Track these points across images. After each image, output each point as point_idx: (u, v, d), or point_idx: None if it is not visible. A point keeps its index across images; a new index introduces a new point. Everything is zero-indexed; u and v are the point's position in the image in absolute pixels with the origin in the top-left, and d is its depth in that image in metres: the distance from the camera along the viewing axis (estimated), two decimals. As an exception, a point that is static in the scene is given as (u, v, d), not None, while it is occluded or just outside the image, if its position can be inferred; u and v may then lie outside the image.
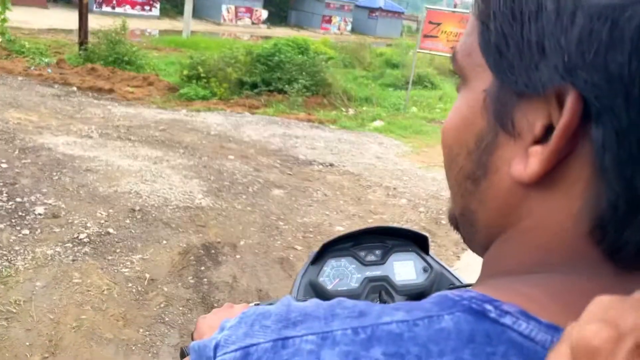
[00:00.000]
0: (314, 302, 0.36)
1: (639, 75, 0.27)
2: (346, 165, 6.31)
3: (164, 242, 3.76)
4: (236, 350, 0.35)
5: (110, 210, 4.05)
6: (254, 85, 10.79)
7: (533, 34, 0.31)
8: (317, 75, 10.99)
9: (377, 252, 1.03)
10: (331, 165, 6.25)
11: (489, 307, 0.32)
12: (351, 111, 10.27)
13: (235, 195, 4.77)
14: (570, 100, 0.30)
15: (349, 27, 34.41)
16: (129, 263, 3.44)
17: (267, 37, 18.71)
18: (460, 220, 0.42)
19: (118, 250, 3.55)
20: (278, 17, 31.81)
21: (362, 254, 1.01)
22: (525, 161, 0.33)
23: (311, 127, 8.31)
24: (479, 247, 0.41)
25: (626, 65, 0.27)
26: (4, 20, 12.17)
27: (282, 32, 23.25)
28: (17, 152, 5.02)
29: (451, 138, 0.39)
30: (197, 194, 4.64)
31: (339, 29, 33.53)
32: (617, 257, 0.32)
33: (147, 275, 3.35)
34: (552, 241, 0.34)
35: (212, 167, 5.43)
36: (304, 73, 10.81)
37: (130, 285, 3.23)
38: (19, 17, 15.44)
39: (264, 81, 10.84)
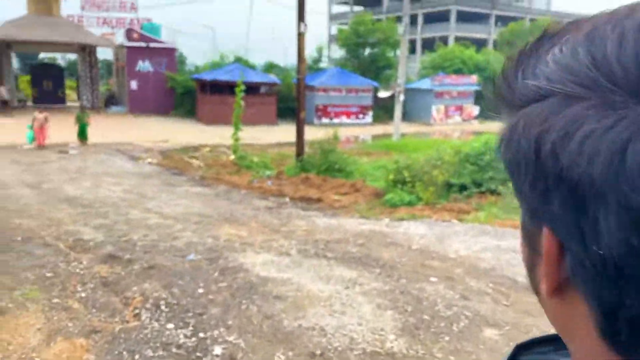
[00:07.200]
0: None
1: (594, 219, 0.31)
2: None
3: (344, 401, 3.09)
4: None
5: (290, 353, 3.57)
6: (462, 188, 9.98)
7: (524, 185, 0.36)
8: (537, 173, 9.69)
9: None
10: (561, 290, 4.97)
11: None
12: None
13: (436, 336, 3.92)
14: (545, 233, 0.35)
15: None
16: None
17: (478, 133, 17.90)
18: None
19: (290, 410, 3.00)
20: (491, 110, 30.89)
21: None
22: None
23: (532, 236, 7.05)
24: None
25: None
26: (237, 139, 13.87)
27: (495, 127, 22.16)
28: (216, 274, 5.05)
29: None
30: (390, 333, 3.93)
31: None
32: None
33: None
34: (582, 349, 0.37)
35: (410, 293, 4.71)
36: (521, 171, 9.64)
37: None
38: (254, 135, 17.57)
39: (474, 182, 9.96)
